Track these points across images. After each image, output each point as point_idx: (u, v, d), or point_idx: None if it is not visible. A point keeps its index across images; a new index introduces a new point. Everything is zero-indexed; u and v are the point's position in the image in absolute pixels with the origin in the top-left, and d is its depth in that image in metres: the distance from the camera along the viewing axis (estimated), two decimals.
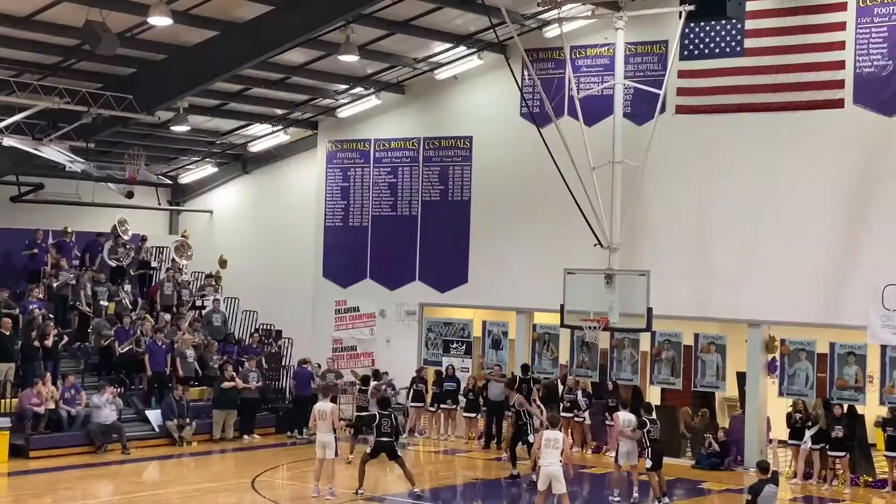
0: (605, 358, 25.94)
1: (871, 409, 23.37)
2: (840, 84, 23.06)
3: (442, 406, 26.82)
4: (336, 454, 19.76)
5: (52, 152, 24.89)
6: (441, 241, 28.08)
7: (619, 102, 24.02)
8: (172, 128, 27.61)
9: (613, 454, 20.72)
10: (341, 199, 29.79)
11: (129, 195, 28.77)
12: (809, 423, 22.69)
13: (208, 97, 27.23)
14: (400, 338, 28.71)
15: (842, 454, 22.28)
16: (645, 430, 19.46)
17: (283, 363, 28.96)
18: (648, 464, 19.50)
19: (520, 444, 21.77)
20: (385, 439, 19.42)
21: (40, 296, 25.94)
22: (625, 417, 20.19)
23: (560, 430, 18.15)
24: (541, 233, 26.34)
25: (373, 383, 25.93)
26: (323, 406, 19.81)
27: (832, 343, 23.29)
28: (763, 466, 14.72)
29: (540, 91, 25.28)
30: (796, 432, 22.92)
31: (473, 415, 26.28)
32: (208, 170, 32.54)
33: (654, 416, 20.32)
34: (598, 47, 25.76)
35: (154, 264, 30.00)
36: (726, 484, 22.20)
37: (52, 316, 25.53)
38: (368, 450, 19.83)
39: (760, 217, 23.79)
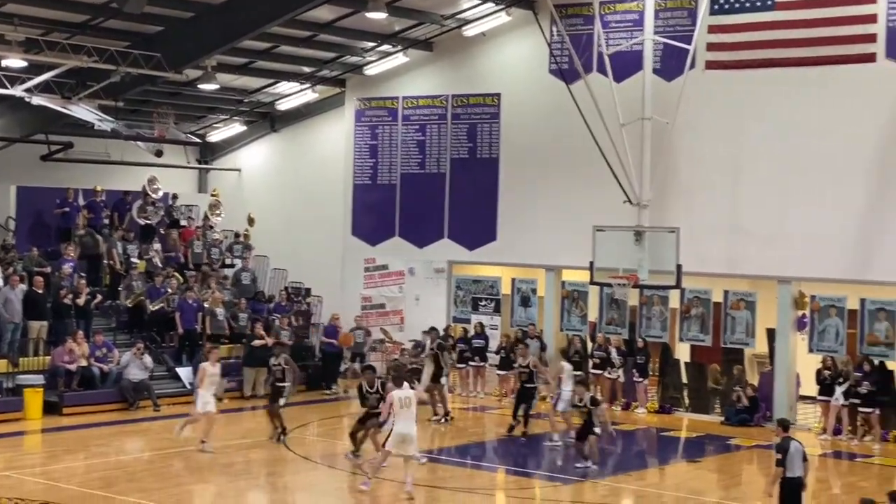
0: (634, 315, 25.93)
1: None
2: (872, 38, 22.79)
3: (471, 363, 26.90)
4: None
5: (81, 111, 24.97)
6: (469, 199, 28.03)
7: (649, 58, 23.87)
8: (200, 86, 27.64)
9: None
10: (370, 157, 29.78)
11: (158, 154, 28.86)
12: (840, 380, 22.64)
13: (236, 55, 27.21)
14: (429, 295, 28.77)
15: (871, 410, 22.23)
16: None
17: (313, 321, 29.10)
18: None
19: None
20: None
21: (72, 254, 26.13)
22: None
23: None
24: (570, 190, 26.26)
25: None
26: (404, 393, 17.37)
27: (862, 299, 23.19)
28: (784, 424, 14.66)
29: (569, 47, 25.14)
30: (826, 388, 22.88)
31: (505, 372, 26.33)
32: (236, 128, 32.58)
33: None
34: (628, 2, 25.55)
35: (183, 223, 30.12)
36: (755, 440, 22.22)
37: (83, 274, 25.73)
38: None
39: (790, 173, 23.62)
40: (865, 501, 12.19)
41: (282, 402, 20.51)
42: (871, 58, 22.81)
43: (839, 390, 22.53)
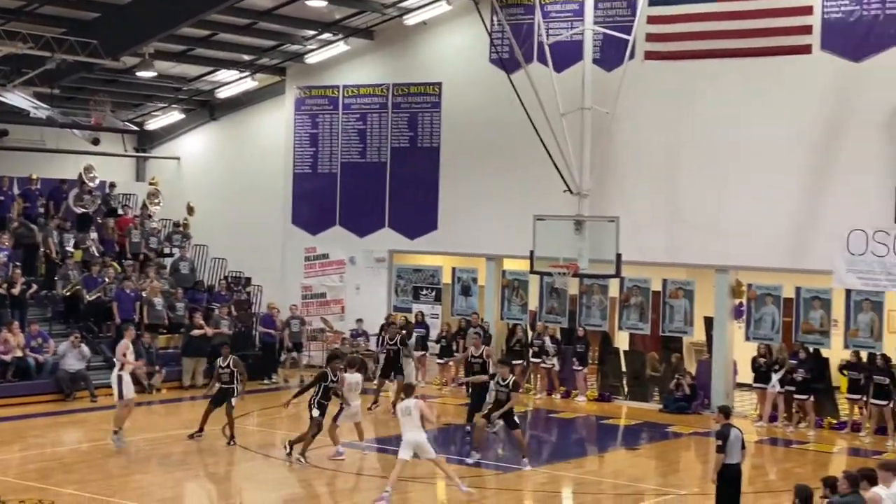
0: (574, 304, 26.07)
1: (836, 353, 23.64)
2: (808, 29, 23.08)
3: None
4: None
5: (16, 98, 24.63)
6: (410, 188, 28.03)
7: (589, 48, 23.99)
8: (138, 73, 27.34)
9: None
10: (310, 145, 29.65)
11: (95, 142, 28.52)
12: (776, 367, 22.94)
13: (174, 42, 26.95)
14: (370, 285, 28.74)
15: (806, 397, 22.56)
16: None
17: (253, 310, 28.95)
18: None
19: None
20: None
21: (7, 243, 25.74)
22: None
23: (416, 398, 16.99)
24: (510, 179, 26.33)
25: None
26: (353, 377, 19.00)
27: (798, 288, 23.51)
28: (725, 411, 14.84)
29: (509, 37, 25.19)
30: (761, 376, 23.17)
31: (445, 360, 26.38)
32: (175, 116, 32.29)
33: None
34: None
35: (120, 212, 29.81)
36: (693, 427, 22.46)
37: (18, 264, 25.37)
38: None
39: (729, 163, 23.86)
40: (800, 487, 12.34)
41: (233, 403, 19.55)
42: (806, 49, 23.10)
43: (775, 378, 22.83)
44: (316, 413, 18.34)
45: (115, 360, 19.63)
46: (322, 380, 18.69)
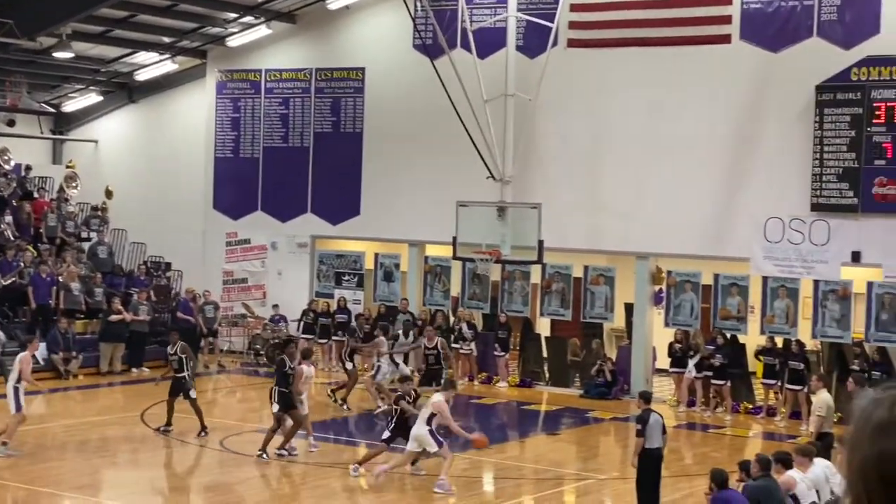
0: (496, 290, 26.17)
1: (753, 339, 24.03)
2: (727, 19, 23.38)
3: (334, 338, 26.79)
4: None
5: None
6: (333, 174, 27.89)
7: (512, 35, 24.04)
8: (55, 54, 26.83)
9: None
10: (232, 129, 29.35)
11: (11, 123, 28.00)
12: (691, 353, 23.25)
13: (93, 23, 26.51)
14: (292, 270, 28.57)
15: (723, 382, 22.90)
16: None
17: (173, 295, 28.62)
18: None
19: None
20: None
21: None
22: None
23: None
24: (433, 165, 26.32)
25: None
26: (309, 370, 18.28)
27: (716, 275, 23.84)
28: (645, 396, 15.01)
29: (433, 22, 25.16)
30: (678, 361, 23.48)
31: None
32: (93, 98, 31.76)
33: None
34: None
35: (36, 195, 29.27)
36: (613, 412, 22.69)
37: None
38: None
39: (649, 151, 24.10)
40: (716, 471, 12.54)
41: (192, 394, 18.98)
42: (726, 39, 23.39)
43: (691, 363, 23.14)
44: (275, 409, 17.66)
45: (9, 369, 18.40)
46: (281, 367, 18.16)
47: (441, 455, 16.19)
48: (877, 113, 21.63)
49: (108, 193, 30.01)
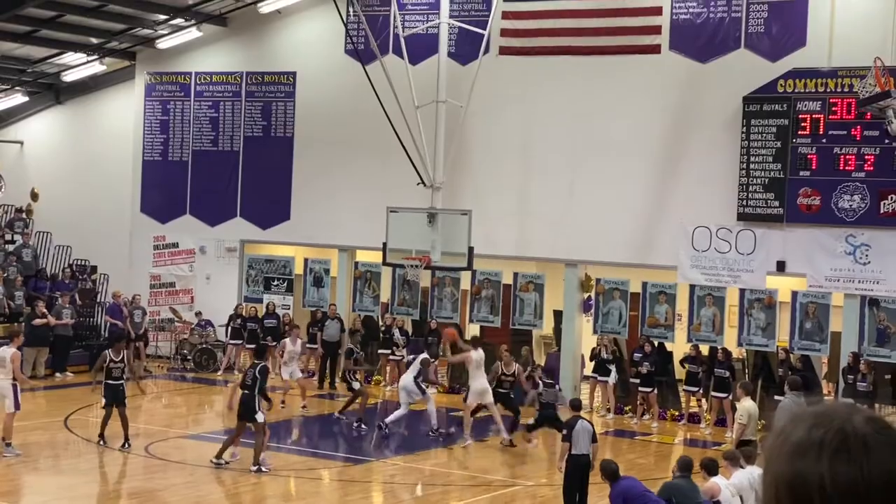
0: (425, 296, 26.16)
1: (680, 347, 24.26)
2: (657, 30, 23.63)
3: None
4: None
5: None
6: (263, 178, 27.71)
7: (444, 42, 24.07)
8: None
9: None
10: (160, 132, 29.05)
11: None
12: (610, 360, 23.45)
13: (18, 23, 26.09)
14: (220, 275, 28.33)
15: (650, 390, 23.09)
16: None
17: (98, 299, 28.24)
18: None
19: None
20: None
21: None
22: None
23: None
24: (364, 171, 26.27)
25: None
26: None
27: (644, 282, 24.05)
28: (575, 404, 15.14)
29: (365, 28, 25.12)
30: (600, 367, 23.64)
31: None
32: (18, 99, 31.23)
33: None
34: None
35: None
36: None
37: None
38: None
39: (579, 159, 24.26)
40: (603, 467, 12.72)
41: (125, 403, 18.50)
42: (656, 49, 23.64)
43: (613, 371, 23.33)
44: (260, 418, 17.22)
45: (1, 368, 17.75)
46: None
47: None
48: (802, 124, 21.98)
49: (34, 196, 29.55)
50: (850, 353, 21.52)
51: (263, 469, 16.96)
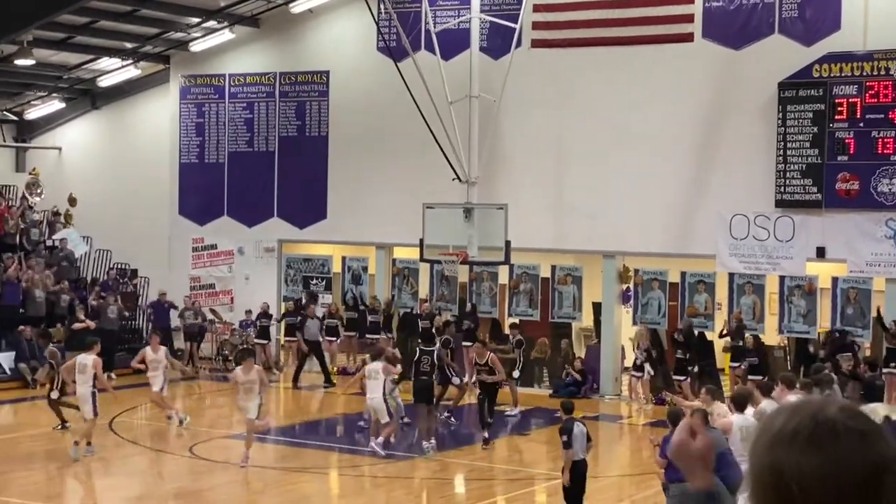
0: (464, 291, 26.17)
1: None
2: (690, 18, 23.49)
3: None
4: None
5: None
6: (299, 178, 27.82)
7: (476, 36, 24.04)
8: (16, 62, 26.62)
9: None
10: (196, 135, 29.22)
11: None
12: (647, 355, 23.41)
13: (54, 30, 26.31)
14: (259, 275, 28.47)
15: (683, 378, 22.91)
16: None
17: (140, 302, 28.46)
18: None
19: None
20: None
21: None
22: None
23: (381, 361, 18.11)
24: (399, 168, 26.31)
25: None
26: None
27: (683, 272, 23.94)
28: (566, 407, 14.65)
29: (396, 25, 25.14)
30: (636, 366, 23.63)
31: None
32: (55, 105, 31.53)
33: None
34: None
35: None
36: (583, 412, 22.62)
37: None
38: None
39: (614, 150, 24.17)
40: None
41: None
42: (689, 37, 23.51)
43: (647, 366, 23.27)
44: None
45: (81, 375, 17.97)
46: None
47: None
48: (839, 109, 21.80)
49: (72, 201, 29.81)
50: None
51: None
